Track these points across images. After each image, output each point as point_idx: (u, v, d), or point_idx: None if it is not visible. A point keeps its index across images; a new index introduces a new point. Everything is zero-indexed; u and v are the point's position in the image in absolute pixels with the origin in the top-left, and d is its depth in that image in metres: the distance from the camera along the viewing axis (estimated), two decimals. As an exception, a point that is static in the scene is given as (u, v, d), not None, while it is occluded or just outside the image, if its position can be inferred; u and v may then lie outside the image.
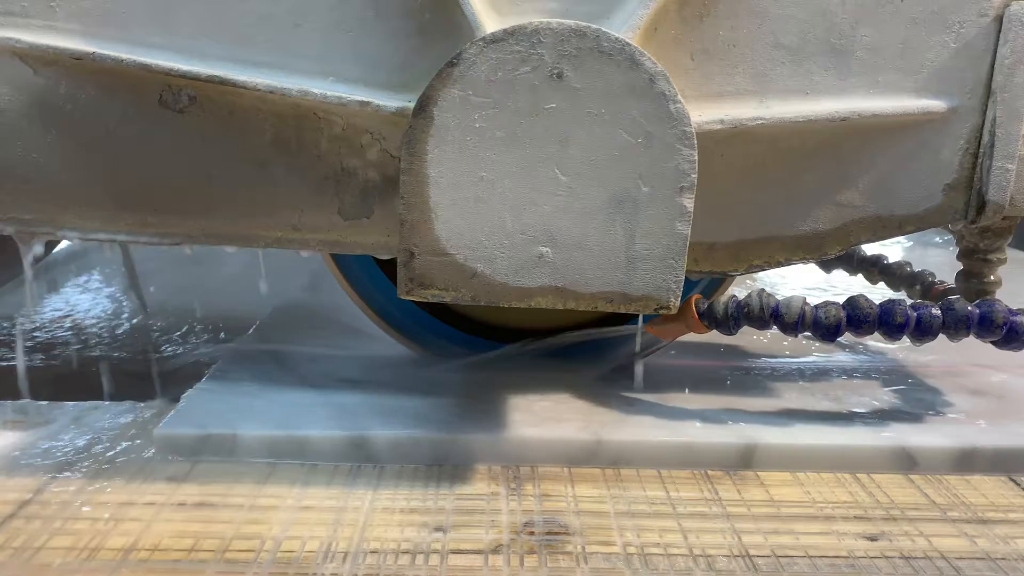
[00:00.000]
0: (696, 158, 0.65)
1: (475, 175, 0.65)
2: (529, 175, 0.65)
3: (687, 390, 0.92)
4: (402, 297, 0.69)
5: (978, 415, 0.89)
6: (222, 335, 1.16)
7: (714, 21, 0.77)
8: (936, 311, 0.78)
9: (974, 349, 0.89)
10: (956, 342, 0.80)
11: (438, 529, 0.68)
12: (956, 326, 0.78)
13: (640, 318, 0.90)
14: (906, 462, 0.81)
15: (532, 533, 0.68)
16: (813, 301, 0.81)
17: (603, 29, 0.63)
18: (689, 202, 0.66)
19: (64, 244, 1.55)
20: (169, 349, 1.14)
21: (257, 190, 0.81)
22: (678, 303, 0.68)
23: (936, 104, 0.79)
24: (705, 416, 0.86)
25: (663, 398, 0.90)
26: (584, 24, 0.63)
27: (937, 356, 1.07)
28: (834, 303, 0.79)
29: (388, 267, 0.97)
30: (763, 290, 0.81)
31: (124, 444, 0.83)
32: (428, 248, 0.67)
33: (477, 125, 0.65)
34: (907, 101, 0.79)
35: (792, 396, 0.92)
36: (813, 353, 1.09)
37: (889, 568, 0.64)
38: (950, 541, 0.69)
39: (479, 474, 0.78)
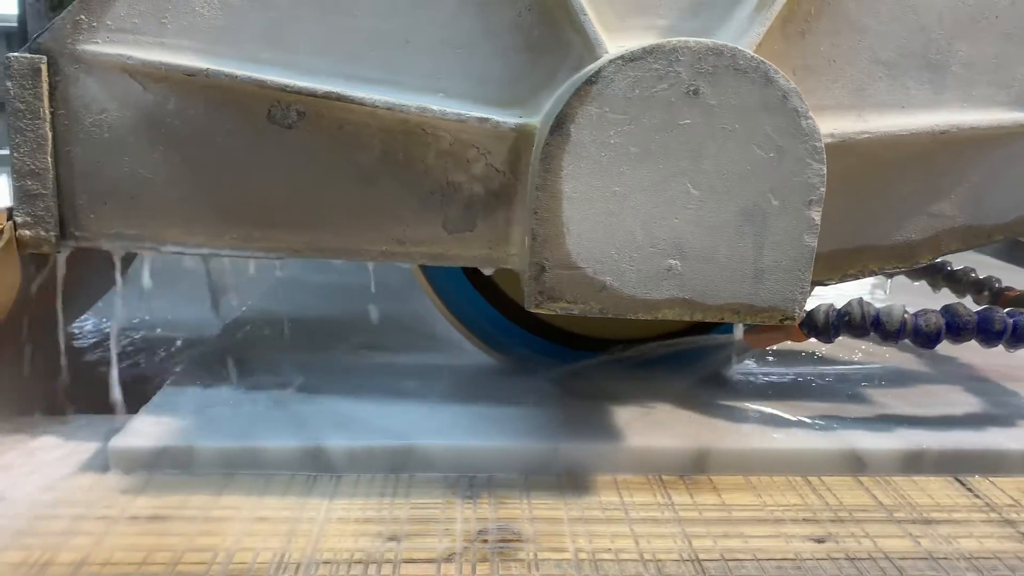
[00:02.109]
0: (825, 172, 0.67)
1: (608, 190, 0.67)
2: (661, 189, 0.67)
3: (642, 395, 0.92)
4: (531, 310, 0.70)
5: (925, 418, 0.90)
6: (179, 344, 1.14)
7: (815, 38, 0.79)
8: (1031, 318, 0.81)
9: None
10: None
11: (392, 538, 0.68)
12: (1051, 332, 0.81)
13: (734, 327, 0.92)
14: (855, 464, 0.82)
15: (485, 541, 0.68)
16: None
17: (739, 47, 0.65)
18: (817, 215, 0.67)
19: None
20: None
21: (364, 204, 0.82)
22: (803, 314, 0.70)
23: (1027, 117, 0.81)
24: (660, 421, 0.86)
25: (618, 404, 0.90)
26: (721, 43, 0.65)
27: (881, 365, 1.09)
28: (933, 311, 0.81)
29: (474, 276, 0.98)
30: (862, 299, 0.82)
31: (80, 457, 0.82)
32: (559, 262, 0.68)
33: (612, 141, 0.66)
34: (1000, 114, 0.81)
35: (747, 400, 0.92)
36: (769, 356, 1.10)
37: (834, 569, 0.65)
38: (895, 542, 0.70)
39: (436, 483, 0.78)
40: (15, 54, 0.78)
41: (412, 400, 0.90)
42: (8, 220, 0.81)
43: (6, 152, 0.71)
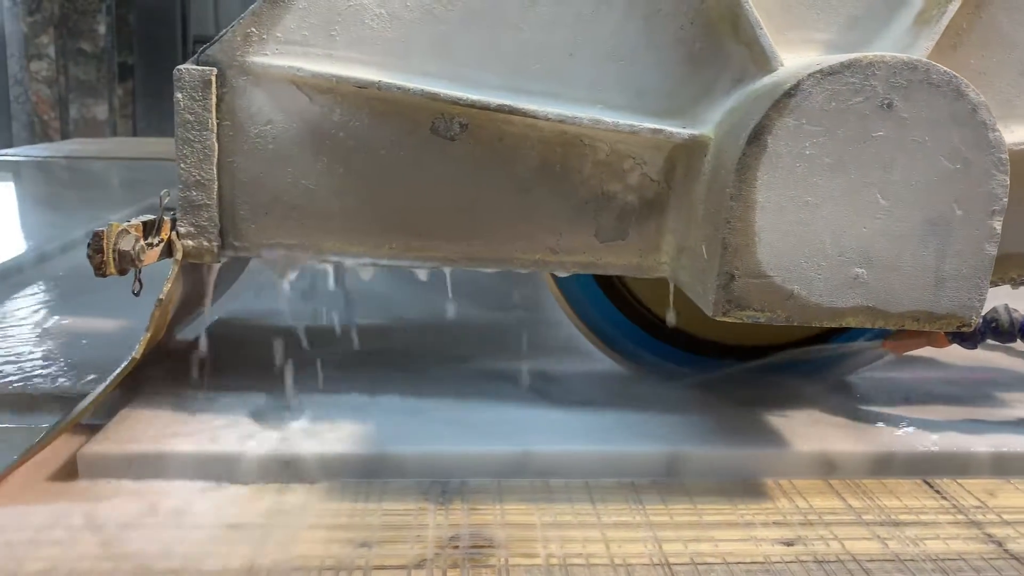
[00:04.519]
0: (1008, 183, 0.69)
1: (800, 200, 0.68)
2: (851, 199, 0.69)
3: (615, 400, 0.93)
4: (717, 318, 0.71)
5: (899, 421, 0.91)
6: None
7: (966, 50, 0.81)
8: None
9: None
10: None
11: (363, 545, 0.68)
12: None
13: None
14: (826, 468, 0.82)
15: (457, 547, 0.68)
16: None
17: (932, 62, 0.67)
18: (998, 224, 0.69)
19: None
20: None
21: (519, 214, 0.83)
22: (979, 321, 0.72)
23: None
24: (632, 426, 0.86)
25: (592, 408, 0.90)
26: (916, 58, 0.67)
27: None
28: (1080, 317, 0.84)
29: (604, 283, 0.99)
30: (1007, 305, 0.84)
31: (48, 464, 0.80)
32: (748, 271, 0.70)
33: (807, 152, 0.68)
34: None
35: (717, 405, 0.92)
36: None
37: (803, 572, 0.66)
38: (863, 544, 0.71)
39: (408, 489, 0.78)
40: (185, 66, 0.78)
41: (385, 406, 0.89)
42: (171, 231, 0.81)
43: (6, 157, 0.71)
